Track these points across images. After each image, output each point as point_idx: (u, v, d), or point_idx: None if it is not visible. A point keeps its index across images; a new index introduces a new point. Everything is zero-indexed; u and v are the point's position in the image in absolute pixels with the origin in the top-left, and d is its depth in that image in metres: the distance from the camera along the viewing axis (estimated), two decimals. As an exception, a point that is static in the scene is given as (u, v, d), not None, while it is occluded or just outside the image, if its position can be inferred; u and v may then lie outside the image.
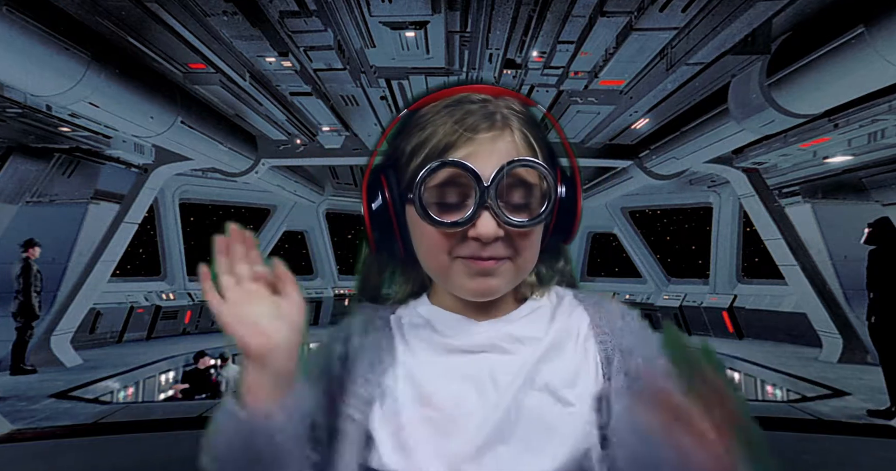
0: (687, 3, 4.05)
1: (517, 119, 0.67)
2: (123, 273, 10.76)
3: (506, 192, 0.64)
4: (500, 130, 0.65)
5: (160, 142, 6.56)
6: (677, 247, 14.05)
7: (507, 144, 0.65)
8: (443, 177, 0.63)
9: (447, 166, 0.63)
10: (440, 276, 0.68)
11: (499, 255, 0.64)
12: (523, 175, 0.64)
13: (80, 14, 4.42)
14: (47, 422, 4.79)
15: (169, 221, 10.95)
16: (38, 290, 6.76)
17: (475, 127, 0.64)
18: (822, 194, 7.50)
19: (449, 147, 0.64)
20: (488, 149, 0.64)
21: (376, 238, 0.71)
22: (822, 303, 7.61)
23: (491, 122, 0.65)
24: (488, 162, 0.63)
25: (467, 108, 0.66)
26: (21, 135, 6.22)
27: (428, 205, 0.64)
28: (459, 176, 0.63)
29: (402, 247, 0.71)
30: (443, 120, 0.65)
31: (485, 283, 0.65)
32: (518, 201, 0.65)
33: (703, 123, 6.45)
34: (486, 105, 0.66)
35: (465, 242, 0.64)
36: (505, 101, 0.68)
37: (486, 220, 0.63)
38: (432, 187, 0.64)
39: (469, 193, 0.63)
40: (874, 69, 3.99)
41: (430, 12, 4.35)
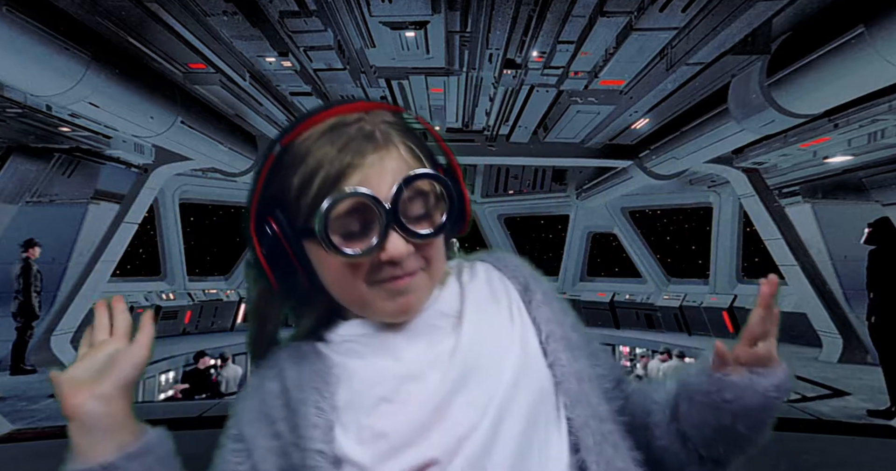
0: (687, 3, 4.05)
1: (396, 132, 0.66)
2: (123, 273, 10.76)
3: (406, 207, 0.63)
4: (385, 148, 0.64)
5: (160, 142, 6.56)
6: (677, 247, 14.06)
7: (396, 161, 0.64)
8: (344, 208, 0.62)
9: (349, 197, 0.61)
10: (357, 305, 0.67)
11: (413, 269, 0.64)
12: (420, 186, 0.64)
13: (80, 14, 4.42)
14: (47, 422, 4.79)
15: (169, 221, 10.95)
16: (38, 290, 6.76)
17: (360, 151, 0.63)
18: (822, 194, 7.50)
19: (340, 176, 0.62)
20: (379, 170, 0.63)
21: (277, 278, 0.68)
22: (822, 303, 7.61)
23: (374, 143, 0.64)
24: (383, 183, 0.62)
25: (345, 131, 0.64)
26: (21, 135, 6.22)
27: (333, 237, 0.62)
28: (360, 203, 0.62)
29: (305, 280, 0.68)
30: (325, 149, 0.63)
31: (404, 302, 0.65)
32: (419, 212, 0.64)
33: (703, 123, 6.45)
34: (362, 125, 0.65)
35: (380, 268, 0.63)
36: (378, 116, 0.67)
37: (394, 241, 0.62)
38: (333, 220, 0.62)
39: (372, 219, 0.62)
40: (874, 69, 3.99)
41: (430, 12, 4.35)
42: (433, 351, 0.66)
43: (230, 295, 12.06)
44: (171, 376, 8.41)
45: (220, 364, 8.70)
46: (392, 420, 0.62)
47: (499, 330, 0.68)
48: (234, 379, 8.88)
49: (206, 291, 11.60)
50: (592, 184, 11.16)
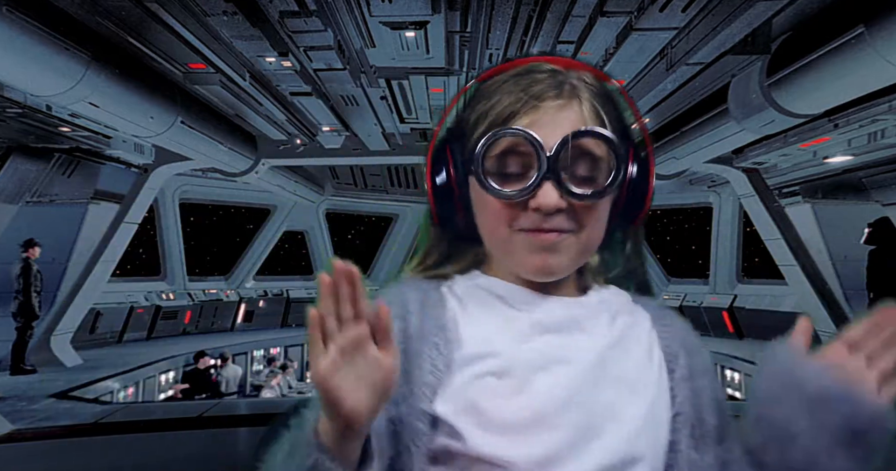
0: (687, 3, 4.05)
1: (588, 90, 0.65)
2: (123, 273, 10.76)
3: (570, 163, 0.61)
4: (568, 100, 0.63)
5: (160, 142, 6.56)
6: (677, 247, 14.06)
7: (574, 114, 0.63)
8: (504, 146, 0.62)
9: (507, 135, 0.61)
10: (501, 250, 0.66)
11: (561, 227, 0.62)
12: (590, 147, 0.62)
13: (80, 14, 4.42)
14: (47, 422, 4.79)
15: (169, 221, 10.94)
16: (38, 290, 6.76)
17: (541, 95, 0.63)
18: (822, 194, 7.50)
19: (513, 115, 0.62)
20: (553, 118, 0.62)
21: (439, 211, 0.69)
22: (822, 303, 7.60)
23: (558, 90, 0.63)
24: (553, 131, 0.61)
25: (535, 77, 0.64)
26: (21, 135, 6.22)
27: (488, 175, 0.62)
28: (521, 145, 0.61)
29: (463, 220, 0.68)
30: (509, 88, 0.64)
31: (547, 259, 0.62)
32: (583, 174, 0.62)
33: (703, 123, 6.45)
34: (555, 75, 0.65)
35: (527, 214, 0.62)
36: (577, 73, 0.66)
37: (547, 190, 0.61)
38: (493, 157, 0.62)
39: (531, 163, 0.61)
40: (874, 69, 3.99)
41: (430, 12, 4.35)
42: (567, 343, 0.63)
43: (230, 295, 12.06)
44: (171, 376, 8.41)
45: (220, 364, 8.70)
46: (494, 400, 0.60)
47: (640, 368, 0.65)
48: (234, 379, 8.88)
49: (206, 291, 11.59)
50: (592, 184, 11.15)
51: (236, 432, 4.63)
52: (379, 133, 8.07)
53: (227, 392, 8.52)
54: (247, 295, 12.30)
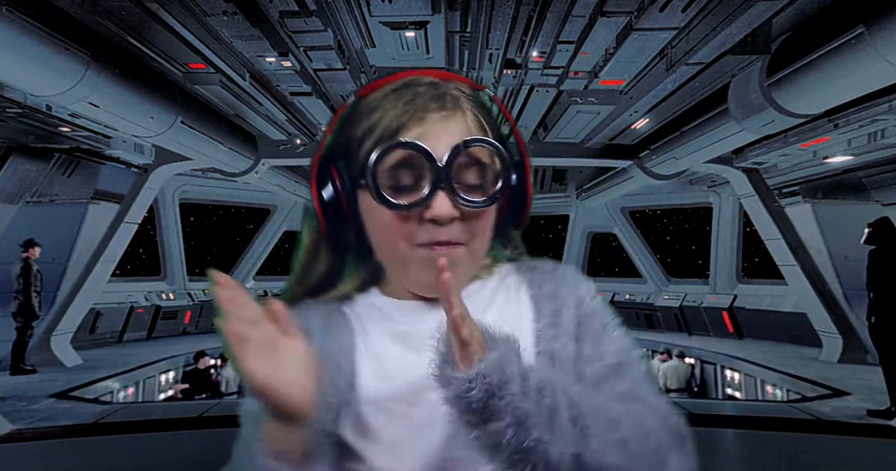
0: (687, 3, 4.05)
1: (467, 100, 0.66)
2: (123, 273, 10.76)
3: (460, 172, 0.63)
4: (452, 111, 0.64)
5: (160, 142, 6.56)
6: (677, 247, 14.06)
7: (459, 124, 0.64)
8: (396, 159, 0.62)
9: (400, 147, 0.61)
10: (397, 266, 0.66)
11: (456, 238, 0.63)
12: (477, 155, 0.63)
13: (80, 14, 4.42)
14: (47, 422, 4.79)
15: (169, 221, 10.95)
16: (38, 290, 6.76)
17: (425, 107, 0.63)
18: (822, 194, 7.51)
19: (400, 128, 0.63)
20: (440, 128, 0.63)
21: (329, 230, 0.69)
22: (822, 303, 7.61)
23: (441, 102, 0.64)
24: (441, 142, 0.62)
25: (415, 90, 0.65)
26: (21, 135, 6.22)
27: (382, 188, 0.62)
28: (413, 157, 0.62)
29: (355, 238, 0.69)
30: (392, 103, 0.64)
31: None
32: (472, 182, 0.64)
33: (703, 123, 6.45)
34: (435, 87, 0.66)
35: (423, 226, 0.62)
36: (454, 84, 0.67)
37: (441, 200, 0.61)
38: (386, 170, 0.62)
39: (423, 175, 0.62)
40: (874, 69, 3.99)
41: (430, 12, 4.35)
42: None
43: (230, 295, 12.05)
44: (171, 376, 8.41)
45: (220, 364, 8.70)
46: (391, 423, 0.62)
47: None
48: (234, 379, 8.87)
49: (206, 292, 11.57)
50: (592, 184, 11.16)
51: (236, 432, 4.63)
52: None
53: (227, 392, 8.52)
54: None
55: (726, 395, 8.49)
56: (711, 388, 8.92)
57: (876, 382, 5.26)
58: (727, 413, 5.51)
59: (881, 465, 4.00)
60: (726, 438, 4.50)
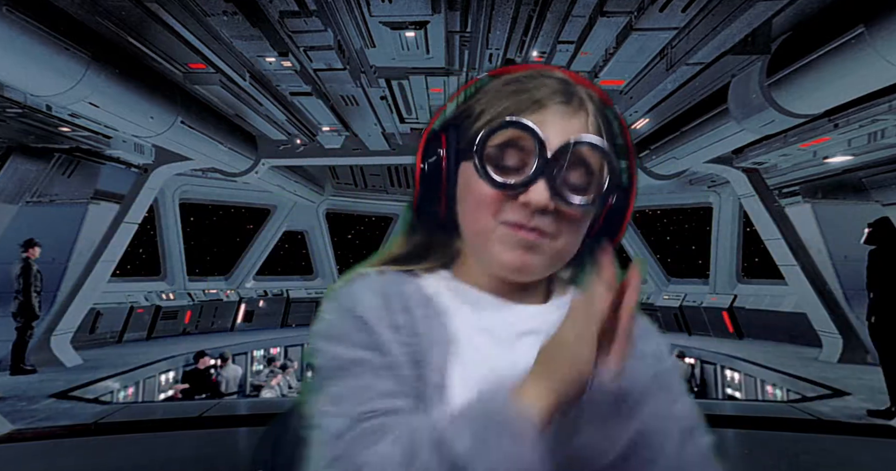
0: (687, 3, 4.05)
1: (594, 107, 0.66)
2: (123, 273, 10.76)
3: (567, 168, 0.62)
4: (576, 109, 0.64)
5: (160, 142, 6.56)
6: (677, 247, 14.06)
7: (580, 124, 0.64)
8: (506, 137, 0.62)
9: (515, 126, 0.61)
10: (479, 240, 0.65)
11: (544, 228, 0.62)
12: (588, 157, 0.62)
13: (80, 14, 4.42)
14: (47, 422, 4.79)
15: (169, 221, 10.95)
16: (38, 290, 6.76)
17: (551, 97, 0.64)
18: (822, 194, 7.51)
19: (519, 111, 0.63)
20: (560, 121, 0.63)
21: (423, 196, 0.69)
22: (822, 303, 7.61)
23: (567, 98, 0.64)
24: (556, 133, 0.62)
25: (544, 81, 0.65)
26: (21, 135, 6.22)
27: (487, 161, 0.62)
28: (524, 139, 0.62)
29: (444, 208, 0.68)
30: (516, 87, 0.65)
31: (522, 257, 0.63)
32: (576, 182, 0.63)
33: (703, 123, 6.45)
34: (565, 83, 0.66)
35: (514, 207, 0.62)
36: (585, 89, 0.67)
37: (540, 188, 0.61)
38: (493, 146, 0.62)
39: (529, 160, 0.62)
40: (874, 69, 3.99)
41: (430, 12, 4.35)
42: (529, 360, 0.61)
43: (230, 295, 12.06)
44: (171, 376, 8.41)
45: (220, 364, 8.70)
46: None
47: None
48: (234, 379, 8.88)
49: (206, 291, 11.60)
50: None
51: (236, 432, 4.64)
52: (379, 133, 8.07)
53: (227, 392, 8.52)
54: (247, 295, 12.30)
55: (726, 395, 8.49)
56: (711, 388, 8.92)
57: (876, 382, 5.26)
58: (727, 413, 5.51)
59: (881, 465, 4.00)
60: (726, 438, 4.49)
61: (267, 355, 10.67)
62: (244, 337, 11.00)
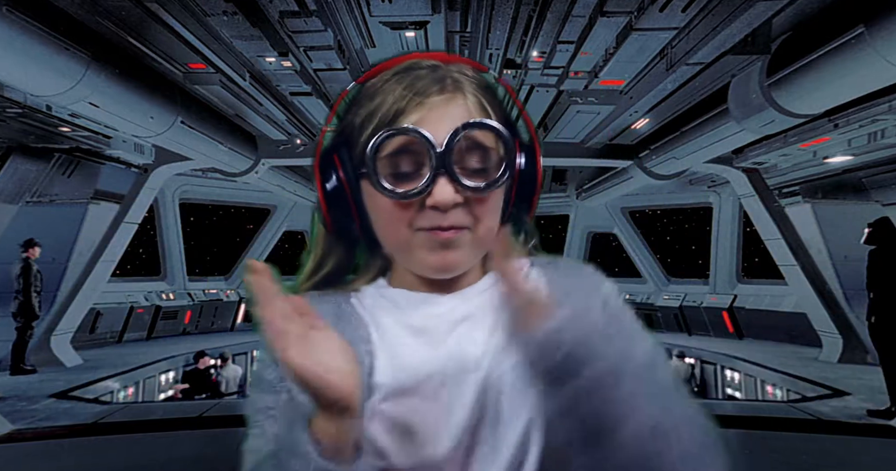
0: (687, 3, 4.05)
1: (469, 83, 0.65)
2: (123, 273, 10.76)
3: (461, 156, 0.61)
4: (452, 94, 0.63)
5: (160, 142, 6.56)
6: (677, 247, 14.06)
7: (460, 108, 0.62)
8: (396, 145, 0.61)
9: (398, 134, 0.60)
10: (400, 251, 0.65)
11: (459, 223, 0.62)
12: (479, 138, 0.61)
13: (80, 14, 4.42)
14: (47, 422, 4.79)
15: (169, 221, 10.95)
16: (38, 290, 6.76)
17: (425, 91, 0.62)
18: (822, 194, 7.51)
19: (399, 114, 0.61)
20: (440, 113, 0.61)
21: (333, 220, 0.68)
22: (822, 303, 7.61)
23: (441, 85, 0.63)
24: (441, 126, 0.60)
25: (416, 73, 0.64)
26: (21, 135, 6.22)
27: (382, 176, 0.61)
28: (412, 143, 0.60)
29: (359, 228, 0.68)
30: (391, 87, 0.63)
31: (446, 257, 0.62)
32: (475, 166, 0.62)
33: (703, 123, 6.45)
34: (435, 70, 0.64)
35: (424, 212, 0.61)
36: (456, 67, 0.66)
37: (442, 186, 0.60)
38: (385, 157, 0.61)
39: (423, 161, 0.61)
40: (874, 69, 3.99)
41: (430, 12, 4.35)
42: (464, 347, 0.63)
43: (230, 295, 12.07)
44: (171, 376, 8.41)
45: (220, 364, 8.70)
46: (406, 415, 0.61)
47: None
48: (234, 379, 8.88)
49: (206, 291, 11.60)
50: (592, 184, 11.16)
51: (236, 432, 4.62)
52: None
53: (227, 392, 8.52)
54: (247, 295, 12.27)
55: (726, 395, 8.49)
56: (711, 388, 8.92)
57: (876, 382, 5.26)
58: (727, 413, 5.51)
59: (881, 465, 4.00)
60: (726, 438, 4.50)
61: (267, 355, 10.66)
62: (244, 337, 10.99)
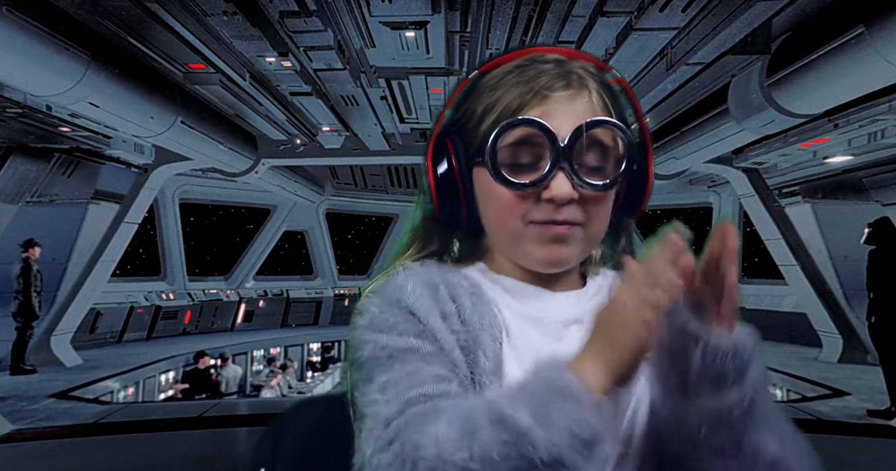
0: (687, 3, 4.05)
1: (593, 80, 0.65)
2: (123, 273, 10.76)
3: (581, 153, 0.61)
4: (577, 90, 0.63)
5: (160, 142, 6.56)
6: (677, 247, 14.06)
7: (584, 105, 0.62)
8: (516, 136, 0.61)
9: (523, 125, 0.60)
10: (510, 243, 0.65)
11: (574, 219, 0.61)
12: (600, 137, 0.62)
13: (80, 14, 4.42)
14: (47, 422, 4.79)
15: (169, 221, 10.95)
16: (38, 290, 6.75)
17: (550, 85, 0.62)
18: (822, 194, 7.50)
19: (522, 106, 0.61)
20: (564, 108, 0.62)
21: (441, 205, 0.67)
22: (822, 303, 7.60)
23: (567, 81, 0.63)
24: (564, 121, 0.61)
25: (540, 67, 0.63)
26: (21, 135, 6.22)
27: (501, 166, 0.61)
28: (534, 135, 0.61)
29: (466, 215, 0.67)
30: (514, 80, 0.63)
31: (556, 251, 0.62)
32: (593, 164, 0.62)
33: (703, 123, 6.45)
34: (560, 65, 0.64)
35: (539, 205, 0.61)
36: (580, 63, 0.65)
37: (561, 180, 0.60)
38: (504, 147, 0.61)
39: (543, 154, 0.61)
40: (874, 69, 3.99)
41: (430, 12, 4.35)
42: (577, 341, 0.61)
43: (230, 295, 12.06)
44: (171, 376, 8.41)
45: (220, 364, 8.71)
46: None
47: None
48: (234, 379, 8.88)
49: (206, 291, 11.60)
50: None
51: (236, 432, 4.63)
52: (379, 133, 8.07)
53: (227, 392, 8.52)
54: (247, 295, 12.30)
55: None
56: (711, 388, 8.90)
57: (876, 382, 5.26)
58: (727, 413, 5.51)
59: (881, 465, 4.00)
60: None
61: (267, 355, 10.68)
62: (244, 337, 11.00)
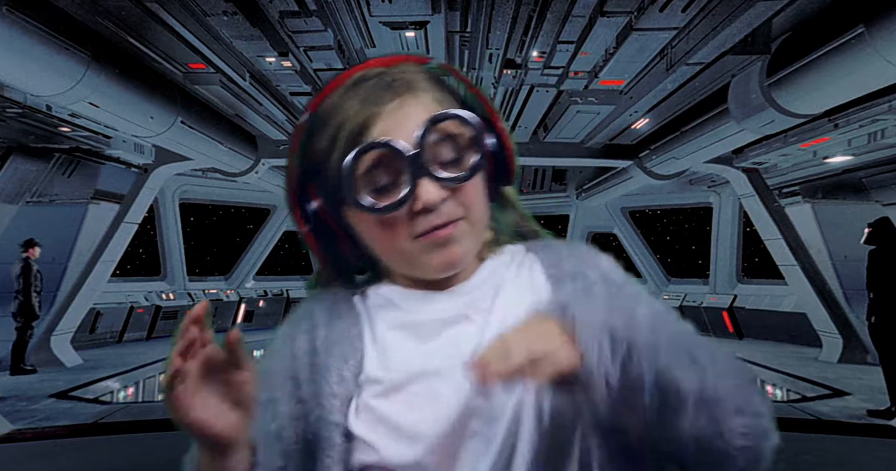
0: (687, 3, 4.05)
1: (418, 79, 0.64)
2: (123, 273, 10.76)
3: (434, 152, 0.61)
4: (405, 95, 0.62)
5: (160, 142, 6.56)
6: (677, 247, 14.07)
7: (417, 107, 0.62)
8: (368, 162, 0.60)
9: (364, 152, 0.59)
10: (405, 262, 0.65)
11: (453, 215, 0.61)
12: (445, 129, 0.61)
13: (80, 14, 4.42)
14: (47, 422, 4.79)
15: (169, 221, 10.94)
16: (38, 290, 6.76)
17: (378, 101, 0.61)
18: (822, 194, 7.51)
19: (362, 129, 0.61)
20: (400, 118, 0.61)
21: (325, 253, 0.68)
22: (822, 303, 7.61)
23: (392, 90, 0.62)
24: (404, 130, 0.60)
25: (365, 85, 0.63)
26: (21, 135, 6.22)
27: (362, 195, 0.60)
28: (382, 156, 0.60)
29: (355, 255, 0.68)
30: (346, 104, 0.63)
31: (449, 253, 0.62)
32: (449, 157, 0.62)
33: (703, 123, 6.45)
34: (382, 76, 0.63)
35: (416, 219, 0.61)
36: (400, 67, 0.65)
37: (426, 188, 0.60)
38: (361, 176, 0.60)
39: (399, 169, 0.60)
40: (874, 69, 3.99)
41: (430, 12, 4.36)
42: (454, 345, 0.62)
43: (230, 295, 12.06)
44: (171, 376, 8.40)
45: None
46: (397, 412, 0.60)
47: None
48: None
49: (206, 291, 11.59)
50: (592, 184, 11.16)
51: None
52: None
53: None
54: (247, 295, 12.30)
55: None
56: (711, 388, 8.90)
57: (876, 382, 5.26)
58: (727, 413, 5.51)
59: (881, 465, 4.00)
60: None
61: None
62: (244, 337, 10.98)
